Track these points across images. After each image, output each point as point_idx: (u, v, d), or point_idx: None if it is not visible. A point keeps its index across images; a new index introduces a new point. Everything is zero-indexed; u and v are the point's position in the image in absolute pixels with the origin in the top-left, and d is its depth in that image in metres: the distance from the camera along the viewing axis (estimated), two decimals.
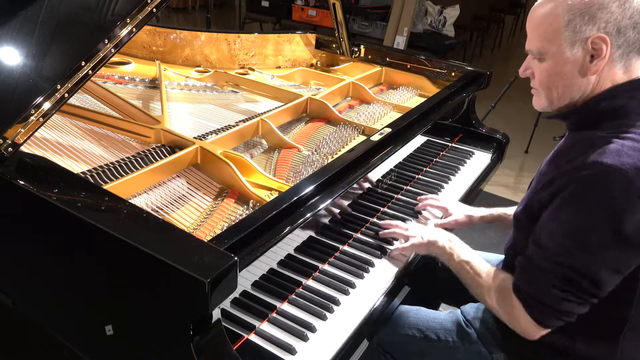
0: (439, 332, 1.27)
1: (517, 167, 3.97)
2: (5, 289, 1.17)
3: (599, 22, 0.97)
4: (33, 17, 1.18)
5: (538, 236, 1.04)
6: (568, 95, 1.06)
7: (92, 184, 1.13)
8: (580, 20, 0.98)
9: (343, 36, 2.27)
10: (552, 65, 1.04)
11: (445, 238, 1.28)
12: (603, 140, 0.99)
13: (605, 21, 0.97)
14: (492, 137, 2.05)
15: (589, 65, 1.01)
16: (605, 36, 0.97)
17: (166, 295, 0.90)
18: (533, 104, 1.14)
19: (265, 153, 1.61)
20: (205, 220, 1.23)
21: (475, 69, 2.06)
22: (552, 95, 1.08)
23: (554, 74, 1.05)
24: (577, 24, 0.98)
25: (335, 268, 1.29)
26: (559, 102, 1.09)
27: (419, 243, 1.31)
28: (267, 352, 1.03)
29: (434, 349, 1.27)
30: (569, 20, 0.99)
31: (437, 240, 1.28)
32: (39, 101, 1.06)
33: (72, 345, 1.08)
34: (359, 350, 1.15)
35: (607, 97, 1.03)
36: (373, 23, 5.67)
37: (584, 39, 0.99)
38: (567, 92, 1.06)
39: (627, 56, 1.00)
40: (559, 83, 1.05)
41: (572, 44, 1.00)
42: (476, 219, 1.51)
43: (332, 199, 1.22)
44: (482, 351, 1.23)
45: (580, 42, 0.99)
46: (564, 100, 1.08)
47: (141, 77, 1.92)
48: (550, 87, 1.07)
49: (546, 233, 1.02)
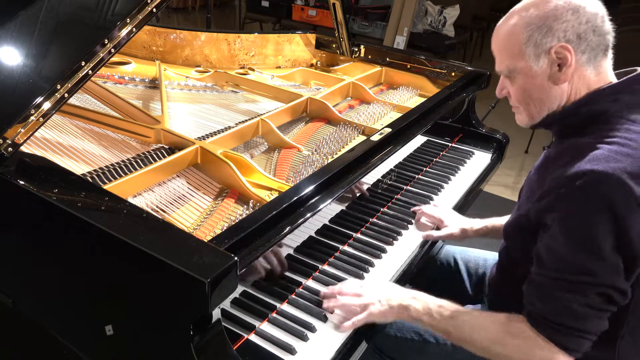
0: (437, 335, 1.27)
1: (517, 167, 3.97)
2: (5, 289, 1.17)
3: (557, 32, 0.99)
4: (33, 17, 1.18)
5: (545, 259, 0.99)
6: (545, 106, 1.07)
7: (92, 184, 1.13)
8: (538, 34, 1.01)
9: (343, 36, 2.27)
10: (524, 81, 1.06)
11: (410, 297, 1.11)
12: (589, 146, 0.98)
13: (564, 30, 0.99)
14: (492, 137, 2.05)
15: (558, 74, 1.02)
16: (567, 44, 0.99)
17: (166, 295, 0.90)
18: (517, 121, 1.15)
19: (265, 153, 1.61)
20: (205, 220, 1.23)
21: (475, 69, 2.06)
22: (531, 110, 1.09)
23: (527, 89, 1.07)
24: (537, 38, 1.01)
25: (335, 268, 1.29)
26: (539, 115, 1.09)
27: (380, 311, 1.10)
28: (267, 352, 1.03)
29: (432, 351, 1.26)
30: (528, 36, 1.02)
31: (407, 306, 1.10)
32: (39, 101, 1.06)
33: (72, 345, 1.07)
34: (358, 351, 1.15)
35: (587, 102, 1.03)
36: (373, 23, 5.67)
37: (547, 49, 1.01)
38: (544, 104, 1.07)
39: (595, 59, 1.02)
40: (534, 96, 1.07)
41: (537, 57, 1.02)
42: (471, 232, 1.47)
43: (332, 199, 1.22)
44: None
45: (544, 54, 1.01)
46: (543, 112, 1.08)
47: (141, 77, 1.92)
48: (527, 103, 1.09)
49: (554, 254, 0.97)
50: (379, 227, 1.46)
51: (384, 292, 1.13)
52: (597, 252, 0.92)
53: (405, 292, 1.13)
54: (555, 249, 0.97)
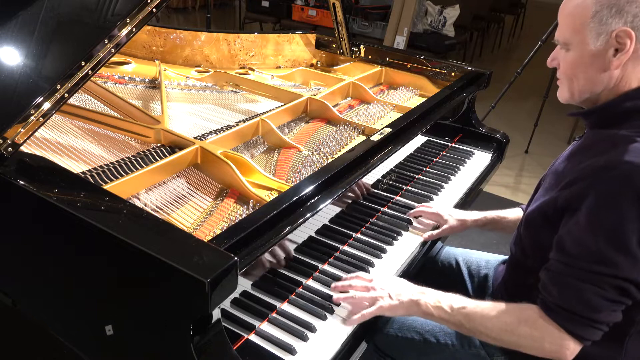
0: (438, 335, 1.26)
1: (517, 167, 3.97)
2: (5, 289, 1.17)
3: (626, 15, 0.96)
4: (33, 17, 1.18)
5: (567, 245, 0.99)
6: (589, 88, 1.05)
7: (92, 184, 1.13)
8: (607, 12, 0.97)
9: (343, 36, 2.27)
10: (576, 56, 1.04)
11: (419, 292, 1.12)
12: (626, 139, 0.97)
13: (633, 15, 0.96)
14: (492, 137, 2.05)
15: (612, 59, 0.99)
16: (631, 30, 0.96)
17: (166, 295, 0.90)
18: (557, 95, 1.13)
19: (265, 153, 1.61)
20: (205, 220, 1.23)
21: (475, 69, 2.06)
22: (573, 87, 1.07)
23: (576, 65, 1.04)
24: (604, 15, 0.98)
25: (335, 268, 1.29)
26: (579, 95, 1.08)
27: (390, 305, 1.11)
28: (267, 352, 1.03)
29: (433, 352, 1.26)
30: (596, 11, 0.98)
31: (417, 301, 1.10)
32: (39, 101, 1.06)
33: (72, 345, 1.07)
34: (358, 350, 1.15)
35: (634, 97, 1.01)
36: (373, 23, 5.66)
37: (609, 31, 0.98)
38: (588, 85, 1.05)
39: None
40: (581, 75, 1.04)
41: (597, 35, 0.99)
42: (470, 222, 1.47)
43: (332, 199, 1.22)
44: (482, 354, 1.22)
45: (604, 35, 0.98)
46: (585, 93, 1.06)
47: (141, 77, 1.92)
48: (572, 79, 1.06)
49: (577, 241, 0.97)
50: (379, 227, 1.46)
51: (394, 287, 1.14)
52: (623, 244, 0.92)
53: (415, 287, 1.14)
54: (579, 236, 0.97)
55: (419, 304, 1.10)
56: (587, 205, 0.96)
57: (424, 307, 1.10)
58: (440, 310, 1.09)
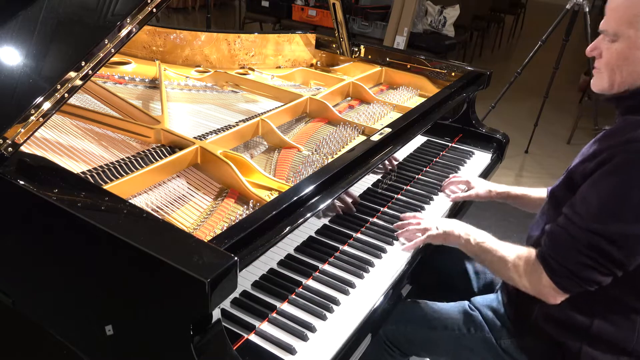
0: (446, 321, 1.31)
1: (517, 167, 3.97)
2: (5, 289, 1.17)
3: None
4: (33, 17, 1.18)
5: (574, 202, 1.06)
6: (631, 80, 1.07)
7: (92, 184, 1.13)
8: None
9: (343, 36, 2.27)
10: (624, 48, 1.05)
11: (459, 227, 1.32)
12: None
13: None
14: (492, 137, 2.05)
15: None
16: None
17: (166, 295, 0.90)
18: (591, 85, 1.15)
19: (265, 153, 1.61)
20: (205, 220, 1.23)
21: (475, 69, 2.06)
22: (614, 78, 1.09)
23: (623, 58, 1.05)
24: None
25: (335, 268, 1.29)
26: (619, 87, 1.09)
27: (436, 234, 1.34)
28: (267, 352, 1.03)
29: (439, 338, 1.29)
30: None
31: (452, 230, 1.31)
32: (39, 101, 1.06)
33: (72, 345, 1.08)
34: (359, 349, 1.15)
35: None
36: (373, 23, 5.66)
37: None
38: (631, 78, 1.07)
39: None
40: (625, 68, 1.06)
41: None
42: (494, 194, 1.59)
43: (332, 199, 1.22)
44: (487, 338, 1.24)
45: None
46: (625, 85, 1.08)
47: (141, 77, 1.92)
48: (614, 70, 1.08)
49: (583, 200, 1.04)
50: (379, 227, 1.46)
51: (439, 221, 1.37)
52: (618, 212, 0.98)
53: (453, 222, 1.35)
54: (589, 198, 1.03)
55: (453, 233, 1.31)
56: (603, 171, 1.01)
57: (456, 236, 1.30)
58: (467, 241, 1.28)
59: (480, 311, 1.29)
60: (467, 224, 1.33)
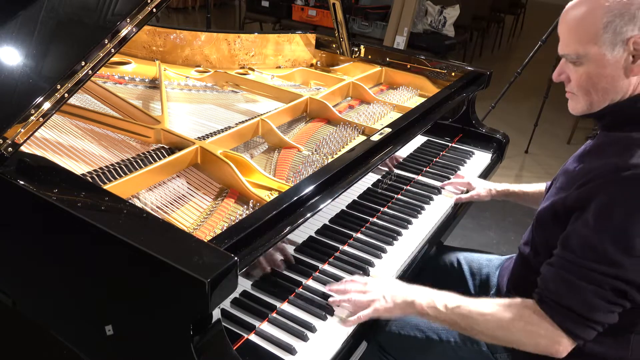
0: (440, 332, 1.27)
1: (517, 167, 3.97)
2: (5, 289, 1.17)
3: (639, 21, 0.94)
4: (33, 17, 1.18)
5: (572, 243, 0.99)
6: (608, 97, 1.03)
7: (92, 184, 1.13)
8: (619, 20, 0.95)
9: (343, 36, 2.27)
10: (593, 68, 1.01)
11: (414, 294, 1.12)
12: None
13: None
14: (492, 137, 2.05)
15: (631, 66, 0.98)
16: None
17: (166, 295, 0.90)
18: (569, 109, 1.10)
19: (265, 153, 1.61)
20: (205, 220, 1.23)
21: (475, 69, 2.06)
22: (591, 99, 1.05)
23: (594, 77, 1.02)
24: (617, 25, 0.96)
25: (335, 268, 1.29)
26: (598, 105, 1.05)
27: (385, 307, 1.11)
28: (267, 352, 1.03)
29: (435, 349, 1.27)
30: (608, 21, 0.96)
31: (412, 301, 1.10)
32: (39, 101, 1.06)
33: (72, 345, 1.07)
34: (358, 350, 1.15)
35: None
36: (373, 23, 5.67)
37: (624, 39, 0.96)
38: (608, 95, 1.03)
39: None
40: (599, 86, 1.02)
41: (612, 45, 0.97)
42: (494, 192, 1.60)
43: (332, 199, 1.22)
44: (484, 351, 1.23)
45: (621, 43, 0.97)
46: (604, 102, 1.05)
47: (141, 77, 1.92)
48: (589, 91, 1.04)
49: (582, 240, 0.97)
50: (379, 227, 1.46)
51: (389, 289, 1.14)
52: (629, 246, 0.92)
53: (409, 288, 1.14)
54: (585, 235, 0.97)
55: (414, 304, 1.10)
56: (596, 205, 0.95)
57: (419, 308, 1.10)
58: (435, 310, 1.09)
59: None
60: (426, 287, 1.13)
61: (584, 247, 0.97)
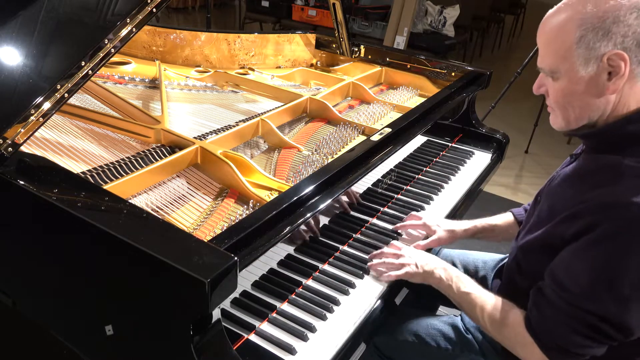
0: (438, 339, 1.26)
1: (517, 167, 3.97)
2: (5, 289, 1.17)
3: (614, 37, 0.88)
4: (33, 17, 1.18)
5: (560, 276, 0.96)
6: (585, 115, 0.98)
7: (92, 184, 1.13)
8: (593, 35, 0.89)
9: (343, 36, 2.27)
10: (567, 84, 0.96)
11: (441, 268, 1.20)
12: (634, 171, 0.90)
13: (623, 35, 0.88)
14: (492, 137, 2.05)
15: (607, 83, 0.92)
16: (623, 52, 0.88)
17: (166, 295, 0.90)
18: (550, 123, 1.05)
19: (265, 153, 1.61)
20: (205, 220, 1.23)
21: (475, 69, 2.06)
22: (568, 116, 1.00)
23: (569, 94, 0.97)
24: (590, 40, 0.90)
25: (335, 268, 1.29)
26: (576, 123, 1.00)
27: (414, 272, 1.22)
28: (267, 352, 1.03)
29: (432, 355, 1.26)
30: (581, 36, 0.91)
31: (433, 271, 1.20)
32: (39, 101, 1.06)
33: (72, 345, 1.07)
34: (358, 350, 1.15)
35: (636, 120, 0.94)
36: (373, 23, 5.67)
37: (598, 55, 0.90)
38: (585, 113, 0.97)
39: None
40: (575, 103, 0.97)
41: (586, 61, 0.92)
42: (459, 233, 1.42)
43: (332, 199, 1.22)
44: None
45: (595, 60, 0.91)
46: (582, 120, 0.99)
47: (141, 77, 1.92)
48: (566, 107, 0.99)
49: (571, 274, 0.94)
50: (378, 227, 1.46)
51: (420, 258, 1.24)
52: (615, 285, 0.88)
53: (438, 262, 1.23)
54: (574, 269, 0.93)
55: (434, 275, 1.20)
56: (588, 240, 0.91)
57: (437, 279, 1.20)
58: (448, 287, 1.18)
59: (472, 333, 1.27)
60: (454, 267, 1.22)
61: (571, 281, 0.94)
